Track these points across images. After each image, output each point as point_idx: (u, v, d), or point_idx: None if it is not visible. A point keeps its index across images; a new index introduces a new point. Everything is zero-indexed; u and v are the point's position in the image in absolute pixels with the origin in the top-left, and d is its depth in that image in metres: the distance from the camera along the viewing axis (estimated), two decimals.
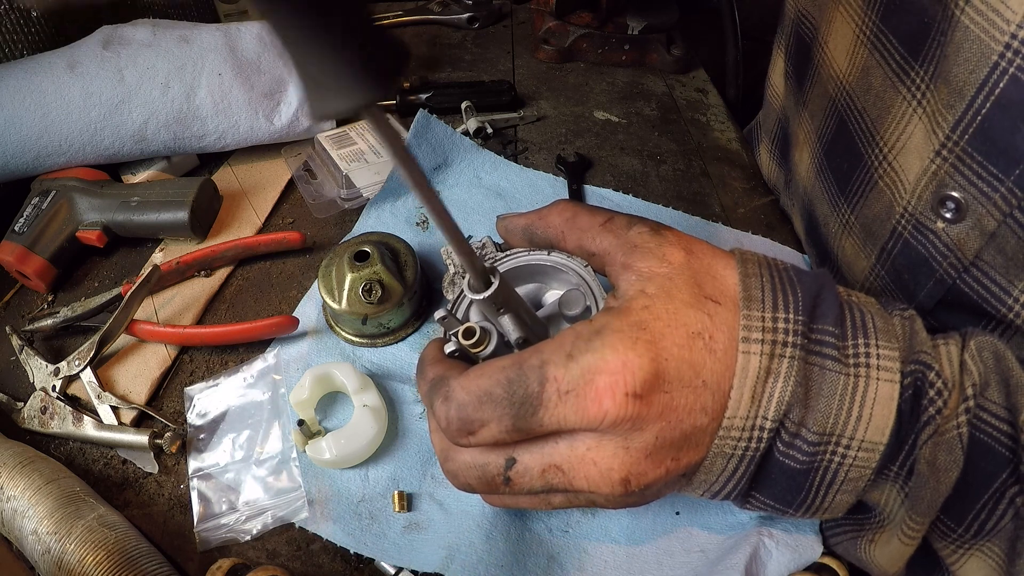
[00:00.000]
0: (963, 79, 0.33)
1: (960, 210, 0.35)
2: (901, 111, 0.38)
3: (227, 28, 0.66)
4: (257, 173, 0.67)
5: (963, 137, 0.34)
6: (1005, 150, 0.32)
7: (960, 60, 0.33)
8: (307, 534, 0.44)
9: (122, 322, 0.51)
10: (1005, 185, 0.32)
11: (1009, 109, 0.31)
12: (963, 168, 0.34)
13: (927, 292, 0.40)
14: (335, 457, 0.44)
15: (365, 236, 0.54)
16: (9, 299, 0.58)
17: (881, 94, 0.40)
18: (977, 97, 0.32)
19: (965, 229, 0.35)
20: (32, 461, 0.43)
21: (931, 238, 0.38)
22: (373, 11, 0.89)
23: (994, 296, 0.35)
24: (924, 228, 0.38)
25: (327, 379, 0.48)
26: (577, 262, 0.40)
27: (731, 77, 0.85)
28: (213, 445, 0.48)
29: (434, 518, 0.43)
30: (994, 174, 0.33)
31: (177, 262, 0.56)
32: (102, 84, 0.60)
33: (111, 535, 0.40)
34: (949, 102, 0.34)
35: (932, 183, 0.36)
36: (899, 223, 0.40)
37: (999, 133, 0.32)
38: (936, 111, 0.35)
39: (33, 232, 0.57)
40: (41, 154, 0.60)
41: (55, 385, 0.50)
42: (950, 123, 0.34)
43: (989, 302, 0.36)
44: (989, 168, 0.33)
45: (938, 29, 0.35)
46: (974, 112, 0.33)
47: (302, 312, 0.55)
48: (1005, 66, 0.30)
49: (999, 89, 0.31)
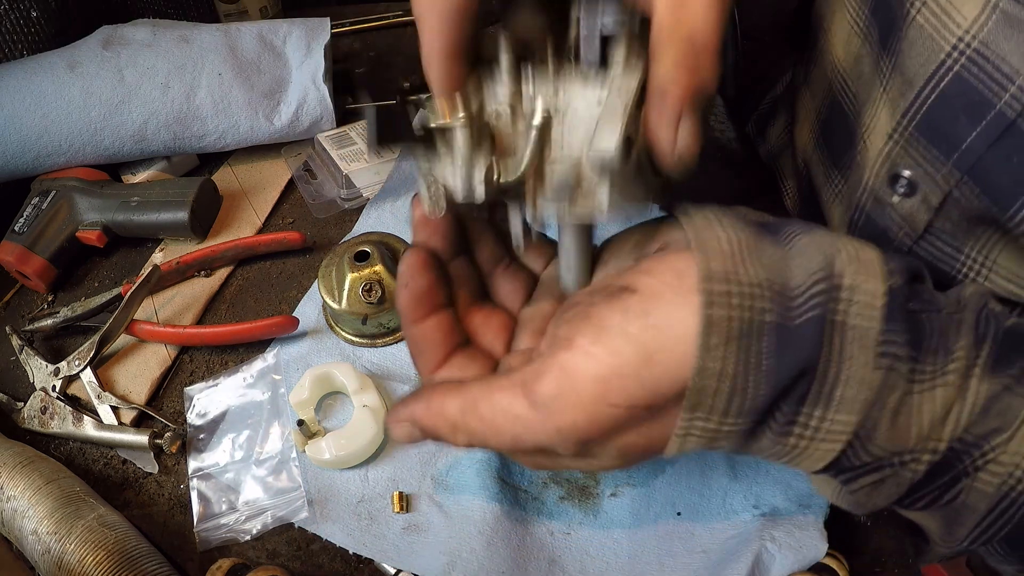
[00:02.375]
0: (915, 71, 0.36)
1: (911, 187, 0.39)
2: (875, 96, 0.42)
3: (227, 28, 0.66)
4: (257, 173, 0.67)
5: (911, 123, 0.38)
6: (946, 136, 0.35)
7: (913, 54, 0.36)
8: (307, 534, 0.44)
9: (122, 322, 0.51)
10: (946, 167, 0.36)
11: (951, 100, 0.35)
12: (911, 150, 0.38)
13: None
14: (335, 457, 0.44)
15: (365, 236, 0.54)
16: (9, 299, 0.58)
17: (867, 80, 0.44)
18: (924, 89, 0.36)
19: (916, 203, 0.39)
20: (32, 461, 0.43)
21: (888, 211, 0.41)
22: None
23: (947, 257, 0.40)
24: (882, 202, 0.42)
25: (327, 379, 0.48)
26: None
27: (730, 77, 0.85)
28: (213, 445, 0.48)
29: (434, 520, 0.43)
30: (937, 156, 0.36)
31: (177, 262, 0.56)
32: (102, 84, 0.60)
33: (111, 535, 0.40)
34: (903, 91, 0.38)
35: (887, 163, 0.40)
36: (861, 197, 0.43)
37: (941, 122, 0.36)
38: (893, 98, 0.39)
39: (33, 232, 0.56)
40: (41, 154, 0.60)
41: (55, 385, 0.50)
42: (902, 109, 0.38)
43: (944, 262, 0.40)
44: (932, 151, 0.37)
45: (897, 25, 0.38)
46: (921, 101, 0.36)
47: (302, 312, 0.55)
48: (951, 64, 0.34)
49: (944, 83, 0.35)
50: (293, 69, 0.65)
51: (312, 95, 0.65)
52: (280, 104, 0.65)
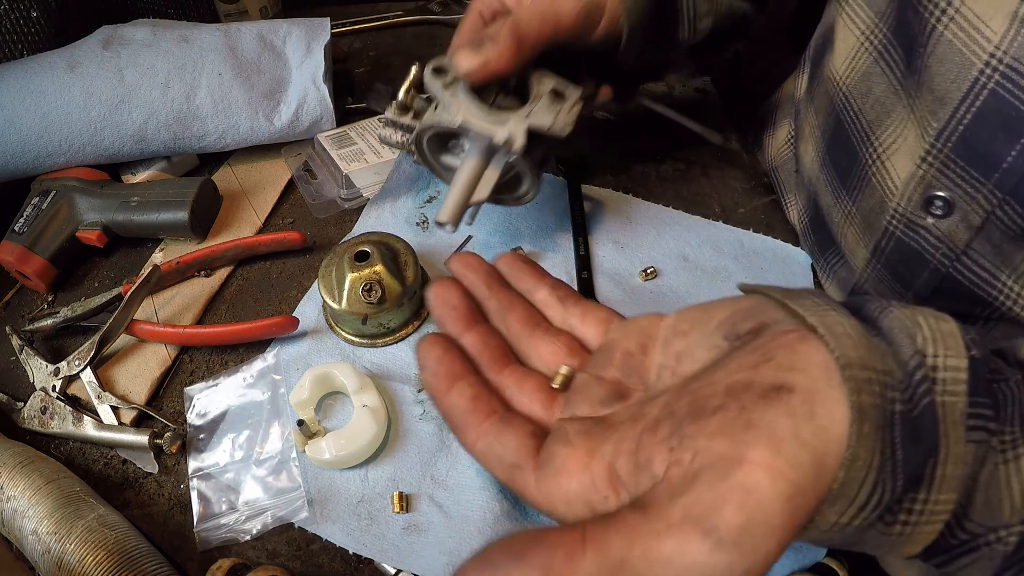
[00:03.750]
0: (945, 88, 0.35)
1: (948, 207, 0.38)
2: (900, 117, 0.41)
3: (227, 28, 0.66)
4: (257, 173, 0.67)
5: (947, 144, 0.36)
6: (984, 156, 0.34)
7: (943, 71, 0.35)
8: (307, 534, 0.44)
9: (122, 322, 0.51)
10: (987, 187, 0.35)
11: (989, 119, 0.34)
12: (948, 172, 0.37)
13: (923, 282, 0.42)
14: (335, 457, 0.44)
15: (365, 236, 0.54)
16: (9, 299, 0.58)
17: (882, 100, 0.42)
18: (959, 108, 0.35)
19: (954, 223, 0.38)
20: (32, 461, 0.43)
21: (923, 233, 0.40)
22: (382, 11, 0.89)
23: (985, 282, 0.38)
24: (915, 225, 0.40)
25: (327, 379, 0.48)
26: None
27: (731, 77, 0.86)
28: (213, 445, 0.48)
29: (434, 521, 0.43)
30: (976, 177, 0.35)
31: (177, 262, 0.56)
32: (102, 84, 0.60)
33: (111, 535, 0.40)
34: (932, 109, 0.37)
35: (920, 186, 0.39)
36: (891, 223, 0.42)
37: (979, 141, 0.34)
38: (923, 117, 0.38)
39: (33, 232, 0.57)
40: (41, 154, 0.60)
41: (55, 385, 0.50)
42: (935, 130, 0.37)
43: (981, 288, 0.38)
44: (971, 172, 0.35)
45: (919, 42, 0.37)
46: (956, 122, 0.35)
47: (302, 312, 0.55)
48: (984, 81, 0.33)
49: (980, 101, 0.34)
50: (293, 69, 0.65)
51: (312, 95, 0.65)
52: (280, 104, 0.65)
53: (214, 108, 0.62)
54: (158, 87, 0.61)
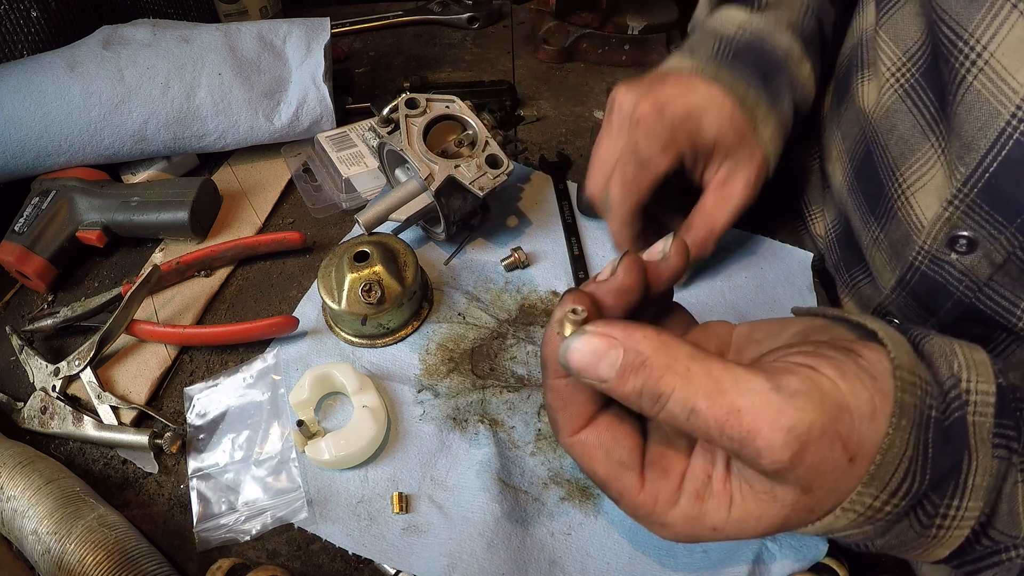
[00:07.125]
0: (973, 135, 0.37)
1: (971, 244, 0.40)
2: (927, 156, 0.42)
3: (227, 28, 0.66)
4: (257, 173, 0.67)
5: (973, 190, 0.38)
6: (1008, 202, 0.36)
7: (971, 119, 0.37)
8: (307, 534, 0.44)
9: (122, 322, 0.51)
10: (1009, 230, 0.37)
11: (1014, 168, 0.35)
12: (973, 215, 0.39)
13: (947, 311, 0.44)
14: (334, 458, 0.44)
15: (365, 236, 0.54)
16: (9, 299, 0.58)
17: (907, 137, 0.44)
18: (987, 156, 0.37)
19: (977, 259, 0.40)
20: (32, 461, 0.43)
21: (947, 268, 0.42)
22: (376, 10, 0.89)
23: (1006, 310, 0.40)
24: (940, 260, 0.42)
25: (327, 379, 0.48)
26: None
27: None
28: (213, 445, 0.48)
29: (433, 522, 0.43)
30: (1000, 221, 0.37)
31: (177, 262, 0.56)
32: (102, 84, 0.60)
33: (111, 535, 0.40)
34: (960, 155, 0.38)
35: (947, 226, 0.41)
36: (916, 257, 0.44)
37: (1004, 188, 0.37)
38: (951, 161, 0.40)
39: (33, 232, 0.57)
40: (41, 154, 0.60)
41: (55, 385, 0.50)
42: (963, 175, 0.38)
43: (1002, 315, 0.40)
44: (995, 216, 0.38)
45: (948, 89, 0.39)
46: (983, 169, 0.37)
47: (302, 312, 0.55)
48: (1010, 131, 0.35)
49: (1006, 150, 0.35)
50: (293, 69, 0.65)
51: (312, 95, 0.65)
52: (280, 104, 0.65)
53: (214, 108, 0.62)
54: (158, 87, 0.61)
